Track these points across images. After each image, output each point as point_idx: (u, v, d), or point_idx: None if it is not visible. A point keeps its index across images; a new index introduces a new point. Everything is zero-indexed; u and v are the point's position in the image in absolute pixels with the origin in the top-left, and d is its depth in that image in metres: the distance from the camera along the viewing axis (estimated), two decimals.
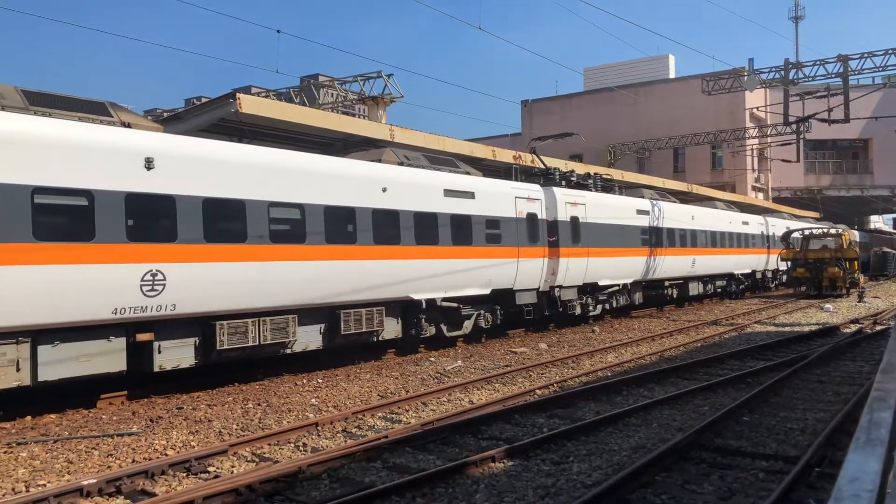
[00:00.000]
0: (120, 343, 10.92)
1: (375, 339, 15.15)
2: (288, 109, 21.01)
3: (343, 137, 18.97)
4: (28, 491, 7.18)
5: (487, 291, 17.67)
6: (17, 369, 9.85)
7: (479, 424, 9.41)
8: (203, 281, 11.61)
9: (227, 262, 11.96)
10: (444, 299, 16.47)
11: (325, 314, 14.00)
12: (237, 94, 18.61)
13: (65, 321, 10.19)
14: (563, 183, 22.14)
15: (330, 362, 15.06)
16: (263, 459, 8.24)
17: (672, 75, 56.00)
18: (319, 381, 13.37)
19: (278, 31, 25.33)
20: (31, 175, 9.82)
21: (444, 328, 16.88)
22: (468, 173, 18.24)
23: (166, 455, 8.41)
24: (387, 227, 14.90)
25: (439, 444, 8.63)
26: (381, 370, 14.49)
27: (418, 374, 13.91)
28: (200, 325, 11.98)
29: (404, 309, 15.79)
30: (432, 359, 15.94)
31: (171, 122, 21.80)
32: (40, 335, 10.09)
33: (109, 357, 10.78)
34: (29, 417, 10.59)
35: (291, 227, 13.13)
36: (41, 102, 10.72)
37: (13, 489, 7.28)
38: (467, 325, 17.59)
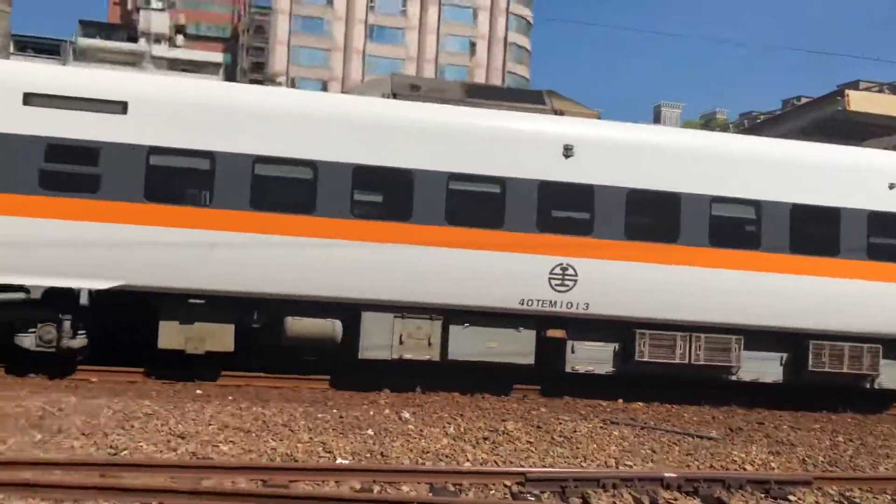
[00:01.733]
0: (529, 336, 10.96)
1: (869, 385, 11.93)
2: None
3: None
4: (617, 468, 7.94)
5: None
6: (429, 344, 10.77)
7: None
8: (621, 281, 10.88)
9: (651, 264, 10.95)
10: None
11: (786, 341, 11.73)
12: (845, 90, 17.13)
13: (473, 305, 10.71)
14: None
15: None
16: (851, 503, 7.30)
17: None
18: None
19: None
20: (447, 162, 10.52)
21: None
22: None
23: (744, 469, 8.26)
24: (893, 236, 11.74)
25: None
26: None
27: None
28: (618, 331, 11.30)
29: None
30: None
31: (767, 125, 21.51)
32: (452, 315, 10.79)
33: (518, 348, 10.91)
34: (620, 401, 11.77)
35: (739, 229, 11.54)
36: (477, 94, 11.71)
37: (605, 462, 8.17)
38: None
